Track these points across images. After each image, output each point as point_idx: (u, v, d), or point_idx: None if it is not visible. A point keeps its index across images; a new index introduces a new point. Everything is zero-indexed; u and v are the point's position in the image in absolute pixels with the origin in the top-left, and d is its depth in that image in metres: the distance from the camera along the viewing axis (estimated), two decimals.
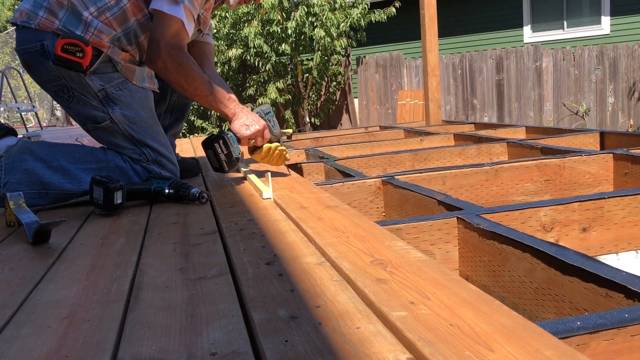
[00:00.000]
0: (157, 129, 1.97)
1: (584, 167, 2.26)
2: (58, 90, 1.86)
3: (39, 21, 1.79)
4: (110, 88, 1.85)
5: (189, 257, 1.14)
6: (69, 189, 1.80)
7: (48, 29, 1.78)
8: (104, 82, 1.84)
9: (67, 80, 1.82)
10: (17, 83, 9.59)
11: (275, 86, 8.36)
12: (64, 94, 1.86)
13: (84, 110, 1.87)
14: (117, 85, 1.86)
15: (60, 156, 1.83)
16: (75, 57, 1.76)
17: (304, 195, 1.66)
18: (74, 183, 1.81)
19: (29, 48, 1.81)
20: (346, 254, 1.05)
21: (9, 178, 1.76)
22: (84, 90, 1.83)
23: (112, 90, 1.85)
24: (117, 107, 1.86)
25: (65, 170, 1.81)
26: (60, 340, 0.78)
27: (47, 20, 1.78)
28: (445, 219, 1.45)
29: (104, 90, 1.84)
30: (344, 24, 8.16)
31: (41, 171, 1.78)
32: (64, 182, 1.80)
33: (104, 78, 1.84)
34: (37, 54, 1.80)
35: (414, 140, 3.54)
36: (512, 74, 8.21)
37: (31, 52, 1.81)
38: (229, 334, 0.76)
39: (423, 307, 0.78)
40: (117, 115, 1.86)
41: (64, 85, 1.83)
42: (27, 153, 1.81)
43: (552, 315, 1.13)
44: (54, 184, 1.79)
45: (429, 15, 4.60)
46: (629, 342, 0.79)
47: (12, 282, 1.06)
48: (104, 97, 1.85)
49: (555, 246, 1.14)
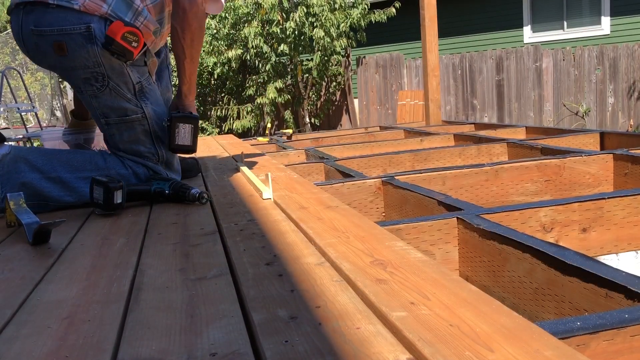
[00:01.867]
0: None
1: (584, 168, 2.27)
2: (91, 78, 1.77)
3: (84, 2, 1.69)
4: (144, 82, 1.83)
5: (189, 258, 1.14)
6: (69, 202, 1.75)
7: (95, 12, 1.70)
8: (139, 75, 1.82)
9: (106, 68, 1.75)
10: (17, 83, 9.59)
11: (274, 86, 8.36)
12: (96, 82, 1.77)
13: (114, 101, 1.80)
14: (147, 79, 1.85)
15: (58, 165, 1.75)
16: (130, 47, 1.71)
17: (304, 196, 1.66)
18: (73, 195, 1.75)
19: (68, 29, 1.69)
20: (346, 254, 1.05)
21: (5, 191, 1.67)
22: (121, 80, 1.78)
23: (145, 85, 1.84)
24: (149, 102, 1.85)
25: (63, 182, 1.74)
26: (60, 341, 0.78)
27: (94, 3, 1.70)
28: (445, 219, 1.45)
29: (140, 83, 1.82)
30: (343, 24, 8.16)
31: (39, 184, 1.71)
32: (63, 195, 1.74)
33: (140, 71, 1.82)
34: (79, 36, 1.69)
35: (414, 140, 3.55)
36: (512, 74, 8.21)
37: (72, 34, 1.69)
38: (229, 334, 0.76)
39: (423, 307, 0.78)
40: (149, 110, 1.85)
41: (101, 73, 1.75)
42: (22, 162, 1.71)
43: (552, 315, 1.13)
44: (53, 198, 1.73)
45: (429, 16, 4.60)
46: (629, 342, 0.79)
47: (12, 282, 1.06)
48: (139, 90, 1.82)
49: (555, 246, 1.14)
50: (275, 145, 3.95)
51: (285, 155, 3.32)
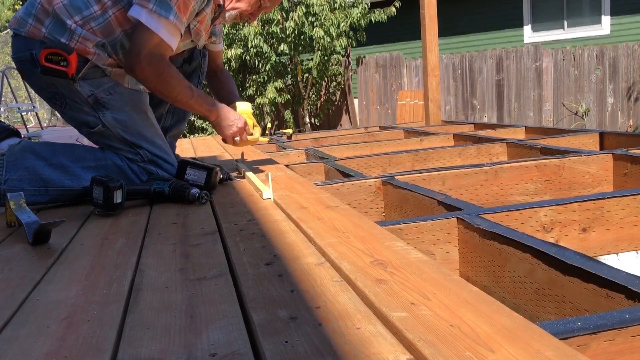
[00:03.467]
0: (151, 130, 1.97)
1: (584, 168, 2.26)
2: (51, 97, 1.88)
3: (28, 29, 1.79)
4: (99, 93, 1.85)
5: (189, 258, 1.14)
6: (68, 186, 1.81)
7: (36, 37, 1.79)
8: (93, 87, 1.84)
9: (58, 87, 1.83)
10: (18, 83, 9.60)
11: (274, 86, 8.36)
12: (57, 100, 1.88)
13: (77, 115, 1.89)
14: (107, 89, 1.87)
15: (61, 154, 1.85)
16: (59, 67, 1.76)
17: (304, 196, 1.66)
18: (73, 180, 1.82)
19: (21, 57, 1.83)
20: (346, 254, 1.05)
21: (9, 175, 1.78)
22: (75, 96, 1.84)
23: (102, 95, 1.86)
24: (107, 111, 1.87)
25: (65, 167, 1.83)
26: (60, 341, 0.78)
27: (35, 28, 1.79)
28: (445, 219, 1.45)
29: (94, 95, 1.85)
30: (343, 24, 8.15)
31: (41, 169, 1.80)
32: (63, 179, 1.82)
33: (93, 83, 1.84)
34: (27, 62, 1.81)
35: (414, 140, 3.54)
36: (512, 74, 8.21)
37: (22, 60, 1.83)
38: (228, 334, 0.76)
39: (423, 307, 0.78)
40: (109, 119, 1.88)
41: (56, 92, 1.85)
42: (29, 152, 1.83)
43: (553, 315, 1.13)
44: (53, 181, 1.80)
45: (429, 15, 4.60)
46: (629, 342, 0.79)
47: (12, 282, 1.06)
48: (94, 102, 1.85)
49: (556, 246, 1.14)
50: (275, 145, 3.95)
51: (285, 155, 3.31)
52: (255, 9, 2.04)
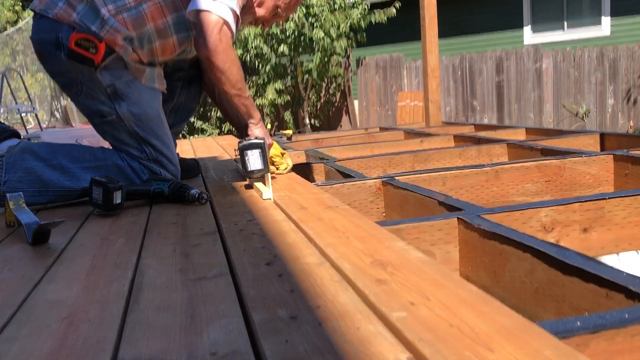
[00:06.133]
0: (162, 129, 1.97)
1: (585, 168, 2.26)
2: (67, 83, 1.87)
3: (57, 12, 1.77)
4: (119, 84, 1.85)
5: (189, 258, 1.14)
6: (68, 186, 1.81)
7: (65, 20, 1.77)
8: (113, 78, 1.84)
9: (77, 73, 1.82)
10: (17, 84, 9.59)
11: (273, 87, 8.36)
12: (73, 87, 1.87)
13: (91, 104, 1.88)
14: (126, 82, 1.87)
15: (60, 155, 1.85)
16: (88, 53, 1.76)
17: (304, 196, 1.66)
18: (73, 180, 1.82)
19: (44, 38, 1.80)
20: (346, 254, 1.05)
21: (9, 176, 1.77)
22: (93, 84, 1.84)
23: (121, 87, 1.86)
24: (124, 103, 1.87)
25: (64, 168, 1.83)
26: (60, 341, 0.78)
27: (65, 12, 1.77)
28: (445, 219, 1.45)
29: (113, 85, 1.85)
30: (343, 25, 8.15)
31: (41, 170, 1.80)
32: (63, 180, 1.81)
33: (114, 74, 1.84)
34: (50, 44, 1.79)
35: (414, 141, 3.55)
36: (512, 76, 8.21)
37: (45, 42, 1.80)
38: (229, 334, 0.76)
39: (423, 307, 0.78)
40: (124, 111, 1.87)
41: (74, 78, 1.84)
42: (28, 153, 1.83)
43: (553, 315, 1.13)
44: (53, 182, 1.80)
45: (429, 16, 4.60)
46: (629, 342, 0.79)
47: (11, 282, 1.06)
48: (112, 92, 1.85)
49: (556, 247, 1.14)
50: None
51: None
52: (270, 17, 2.07)
